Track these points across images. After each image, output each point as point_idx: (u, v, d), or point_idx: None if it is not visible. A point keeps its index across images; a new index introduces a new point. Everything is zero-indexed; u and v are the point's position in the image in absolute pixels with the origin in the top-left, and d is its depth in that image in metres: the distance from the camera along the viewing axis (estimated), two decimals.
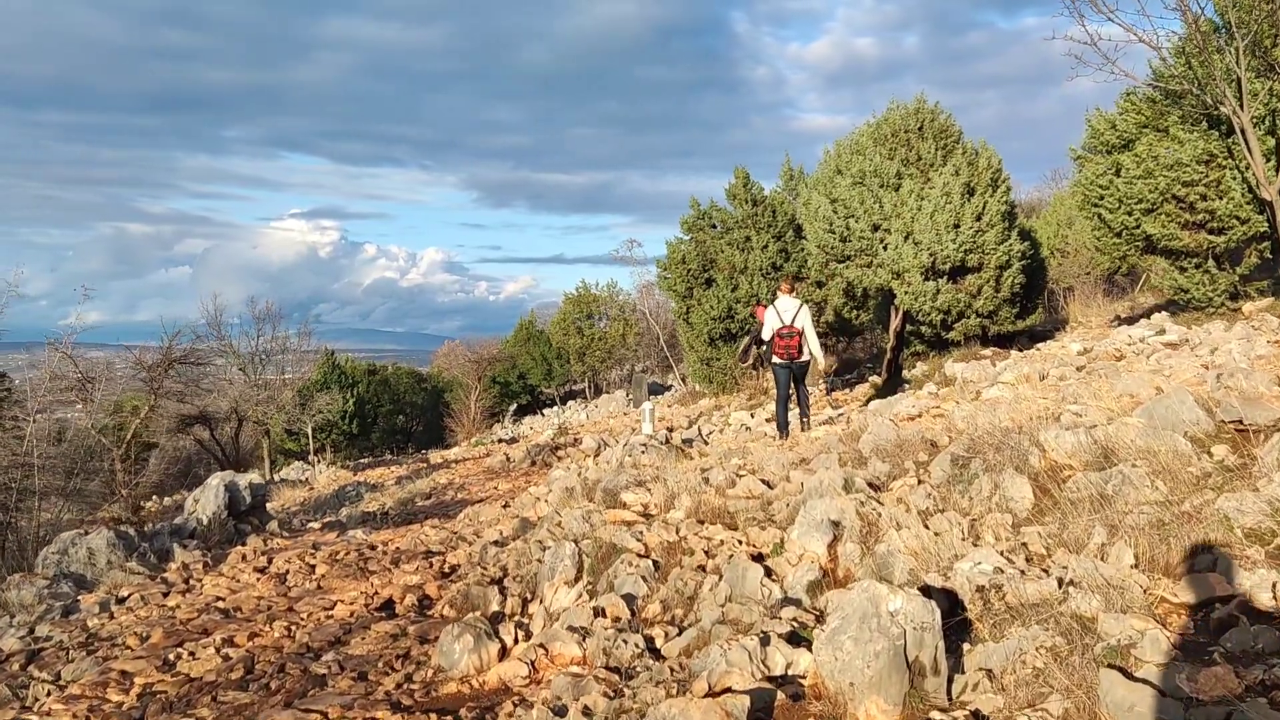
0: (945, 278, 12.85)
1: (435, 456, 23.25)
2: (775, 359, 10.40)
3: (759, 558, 5.78)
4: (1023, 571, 4.22)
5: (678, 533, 6.34)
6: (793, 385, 10.58)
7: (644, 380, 38.39)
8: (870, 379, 17.82)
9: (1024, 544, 4.85)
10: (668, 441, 10.06)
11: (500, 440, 24.56)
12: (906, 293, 12.74)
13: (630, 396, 39.99)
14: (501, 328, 56.81)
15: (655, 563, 6.10)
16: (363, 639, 6.03)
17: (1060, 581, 4.07)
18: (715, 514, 6.65)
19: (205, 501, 8.82)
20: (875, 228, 12.99)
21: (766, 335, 10.35)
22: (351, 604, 6.82)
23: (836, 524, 5.54)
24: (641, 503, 7.37)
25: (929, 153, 13.46)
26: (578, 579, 6.38)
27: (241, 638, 6.10)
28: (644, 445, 9.76)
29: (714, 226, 13.74)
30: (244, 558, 8.15)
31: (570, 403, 43.32)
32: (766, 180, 13.96)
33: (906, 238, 12.77)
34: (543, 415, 40.14)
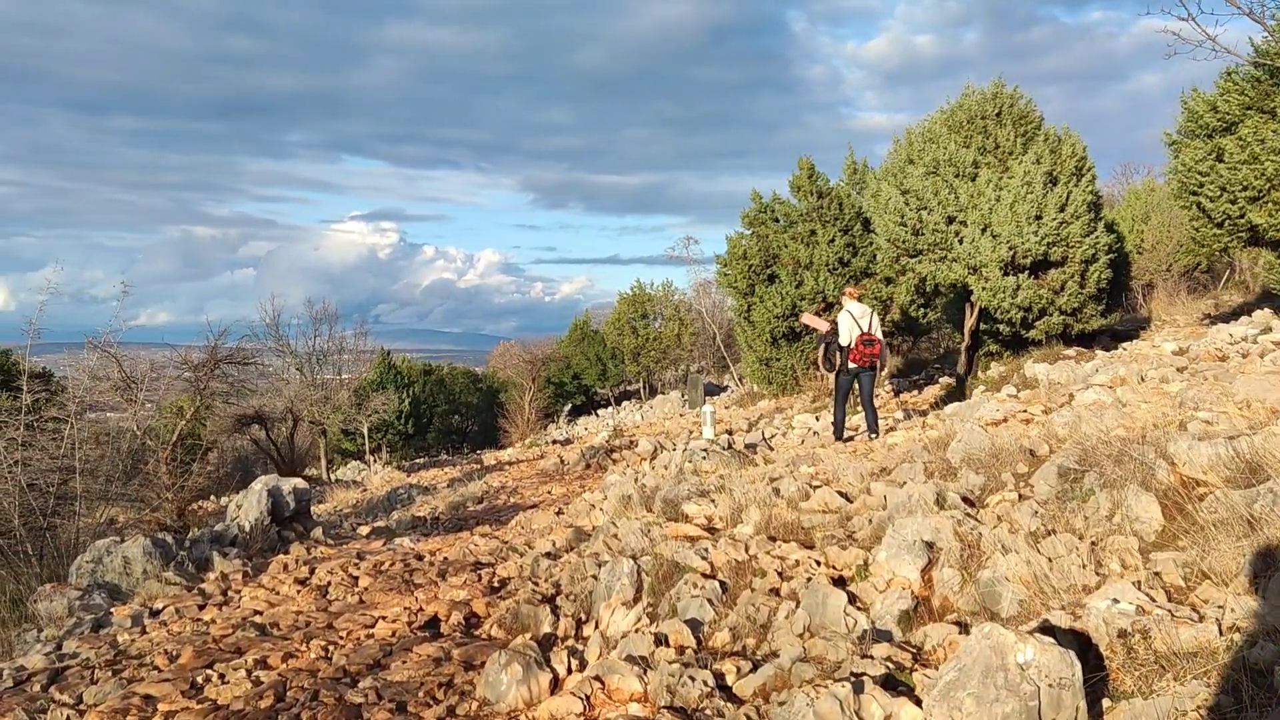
0: (1026, 273, 12.02)
1: (489, 458, 22.93)
2: (852, 365, 10.06)
3: (840, 581, 5.16)
4: (1171, 613, 3.54)
5: (747, 551, 5.74)
6: (856, 390, 10.24)
7: (699, 381, 37.71)
8: (941, 380, 16.96)
9: (1157, 574, 4.15)
10: (730, 447, 9.46)
11: (555, 441, 24.15)
12: (984, 289, 11.94)
13: (685, 397, 39.35)
14: (557, 328, 56.71)
15: (722, 584, 5.51)
16: (404, 662, 5.54)
17: (1220, 626, 3.39)
18: (788, 530, 6.04)
19: (247, 507, 8.46)
20: (950, 220, 12.21)
21: (845, 341, 9.98)
22: (394, 621, 6.35)
23: (931, 545, 4.89)
24: (705, 515, 6.79)
25: (1008, 140, 12.63)
26: (636, 600, 5.83)
27: (276, 659, 5.66)
28: (705, 450, 9.17)
29: (776, 220, 13.06)
30: (285, 568, 7.75)
31: (625, 403, 42.87)
32: (828, 176, 13.28)
33: (984, 230, 11.97)
34: (597, 416, 39.76)
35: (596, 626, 5.81)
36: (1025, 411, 8.81)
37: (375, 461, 30.58)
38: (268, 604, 6.89)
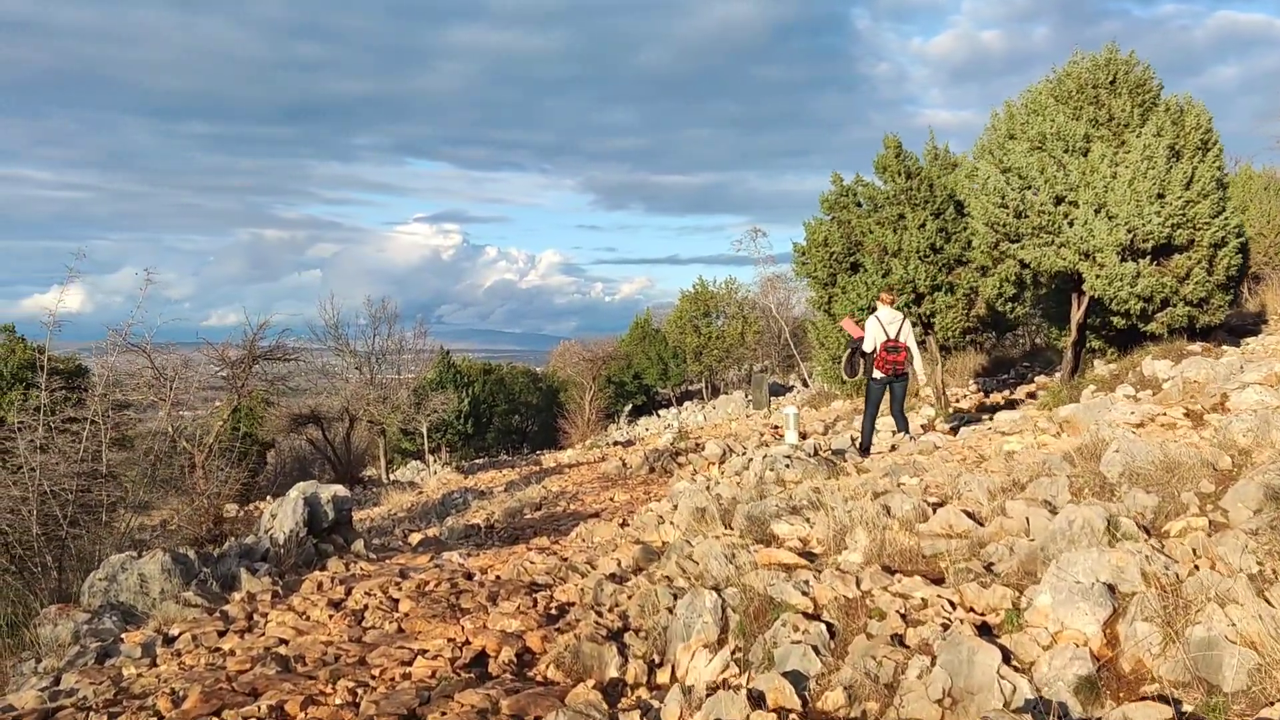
0: (1147, 258, 10.68)
1: (548, 460, 22.12)
2: (877, 373, 9.79)
3: (985, 630, 4.07)
4: None
5: (858, 585, 4.68)
6: (887, 401, 10.02)
7: (764, 380, 36.47)
8: (1035, 379, 15.58)
9: None
10: (817, 453, 8.38)
11: (616, 443, 23.24)
12: (1099, 276, 10.63)
13: (749, 398, 38.11)
14: (617, 328, 55.98)
15: (829, 627, 4.47)
16: (443, 714, 4.61)
17: None
18: (906, 559, 4.97)
19: (282, 517, 7.66)
20: (1059, 200, 10.92)
21: (869, 347, 9.76)
22: (435, 657, 5.43)
23: (1112, 589, 3.78)
24: (799, 537, 5.74)
25: (1124, 110, 11.28)
26: (721, 641, 4.82)
27: (294, 705, 4.78)
28: (788, 457, 8.11)
29: (859, 205, 11.92)
30: (319, 587, 6.92)
31: (686, 404, 41.79)
32: (916, 156, 12.02)
33: (1098, 211, 10.66)
34: (658, 416, 38.78)
35: (673, 673, 4.81)
36: (1165, 415, 7.57)
37: (434, 461, 30.07)
38: (295, 631, 6.04)
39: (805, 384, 40.78)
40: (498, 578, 7.31)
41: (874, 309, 10.40)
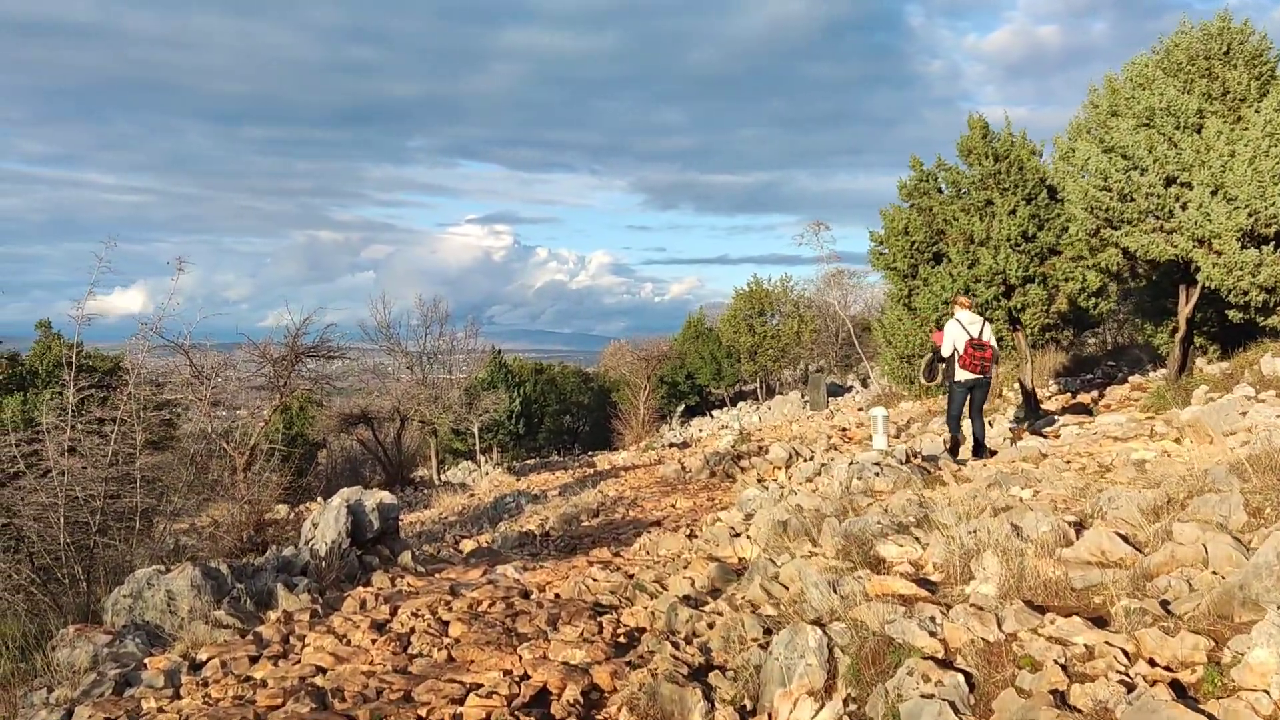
0: (1270, 244, 9.61)
1: (602, 462, 21.43)
2: (963, 373, 9.25)
3: (1179, 690, 3.24)
4: None
5: (1000, 626, 3.86)
6: (968, 406, 9.38)
7: (821, 380, 35.39)
8: (1131, 379, 14.46)
9: None
10: (909, 460, 7.52)
11: (671, 445, 22.46)
12: (1216, 265, 9.59)
13: (805, 398, 37.04)
14: (666, 328, 55.33)
15: (967, 677, 3.67)
16: None
17: None
18: (1052, 592, 4.13)
19: (324, 527, 7.05)
20: (1170, 181, 9.89)
21: (949, 350, 9.22)
22: (490, 695, 4.73)
23: None
24: (911, 561, 4.92)
25: (1239, 84, 10.21)
26: (829, 689, 4.04)
27: None
28: (877, 465, 7.27)
29: (941, 190, 10.97)
30: (362, 605, 6.27)
31: (740, 404, 40.81)
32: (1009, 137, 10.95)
33: (1215, 192, 9.62)
34: (711, 417, 37.87)
35: None
36: None
37: (486, 462, 29.60)
38: (334, 657, 5.39)
39: (864, 384, 39.59)
40: (557, 596, 6.61)
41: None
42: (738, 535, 7.29)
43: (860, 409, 24.21)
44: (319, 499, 21.41)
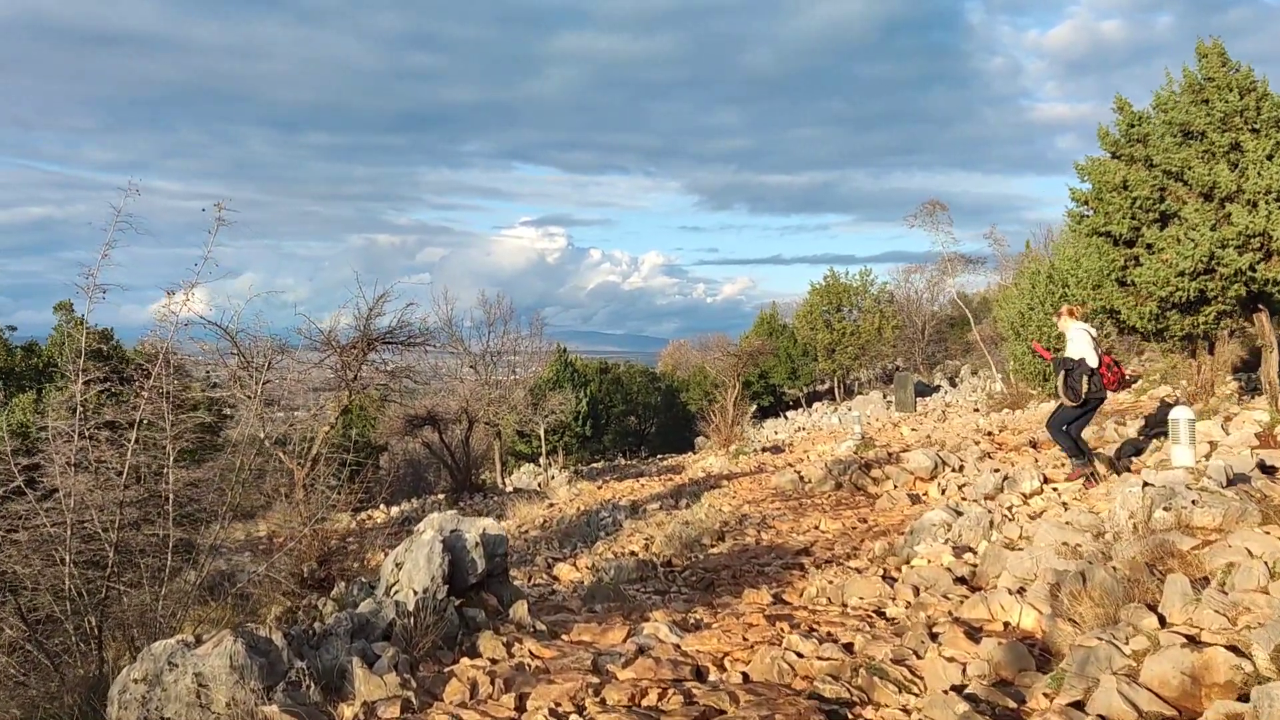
0: None
1: (692, 468, 19.43)
2: (1102, 392, 8.21)
3: None
4: None
5: None
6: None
7: (909, 380, 32.98)
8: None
9: None
10: (1231, 483, 5.39)
11: (764, 449, 20.38)
12: None
13: (889, 398, 34.68)
14: (717, 329, 53.36)
15: None
16: None
17: None
18: None
19: (411, 568, 5.16)
20: None
21: (1095, 363, 8.04)
22: None
23: None
24: None
25: None
26: None
27: None
28: (1191, 489, 5.16)
29: (1161, 137, 8.69)
30: (473, 691, 4.35)
31: (816, 405, 38.54)
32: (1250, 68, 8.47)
33: None
34: (785, 418, 35.70)
35: None
36: None
37: (551, 465, 27.81)
38: None
39: (953, 383, 37.02)
40: (746, 677, 4.61)
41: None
42: (1002, 591, 5.20)
43: (974, 410, 21.87)
44: (381, 505, 19.73)
